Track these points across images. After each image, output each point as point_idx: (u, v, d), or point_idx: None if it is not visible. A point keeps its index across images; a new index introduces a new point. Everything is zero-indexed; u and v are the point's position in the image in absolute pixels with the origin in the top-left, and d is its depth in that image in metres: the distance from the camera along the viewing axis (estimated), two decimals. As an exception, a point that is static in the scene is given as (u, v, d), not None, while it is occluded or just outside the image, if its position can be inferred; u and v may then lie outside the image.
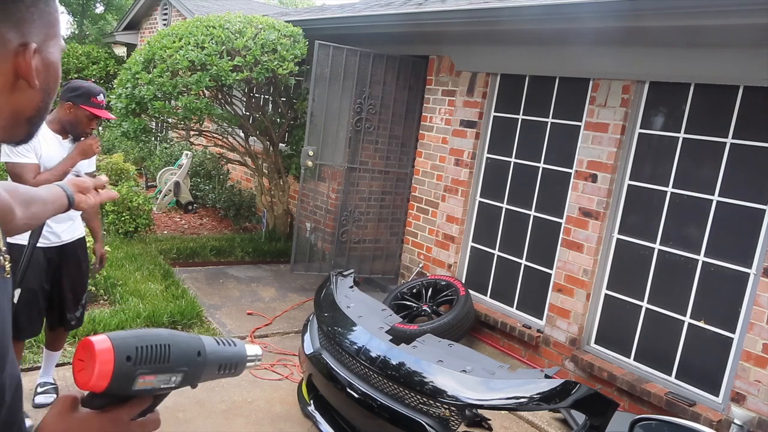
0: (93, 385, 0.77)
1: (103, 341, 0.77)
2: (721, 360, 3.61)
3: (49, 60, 0.86)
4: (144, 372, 0.80)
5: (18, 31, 0.80)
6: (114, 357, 0.76)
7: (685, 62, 3.71)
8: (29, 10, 0.80)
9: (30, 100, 0.85)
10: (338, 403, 3.18)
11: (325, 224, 6.56)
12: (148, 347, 0.80)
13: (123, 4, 17.83)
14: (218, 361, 0.94)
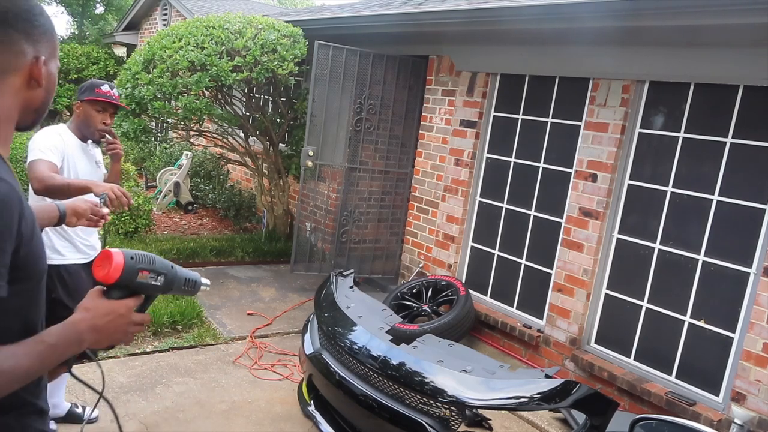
0: (110, 275, 1.17)
1: (115, 250, 1.19)
2: (721, 359, 3.61)
3: (50, 71, 1.22)
4: (141, 267, 1.21)
5: (33, 48, 1.17)
6: (123, 257, 1.18)
7: (685, 62, 3.71)
8: (42, 36, 1.18)
9: (37, 96, 1.22)
10: (338, 403, 3.18)
11: (325, 224, 6.56)
12: (143, 255, 1.22)
13: (123, 5, 17.83)
14: (184, 276, 1.32)
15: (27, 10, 1.15)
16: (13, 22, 1.13)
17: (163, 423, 3.36)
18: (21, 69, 1.16)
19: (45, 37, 1.19)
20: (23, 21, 1.14)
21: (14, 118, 1.20)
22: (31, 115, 1.23)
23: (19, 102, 1.19)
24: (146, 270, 1.22)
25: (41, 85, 1.20)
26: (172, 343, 4.33)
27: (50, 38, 1.21)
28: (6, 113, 1.17)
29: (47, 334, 1.12)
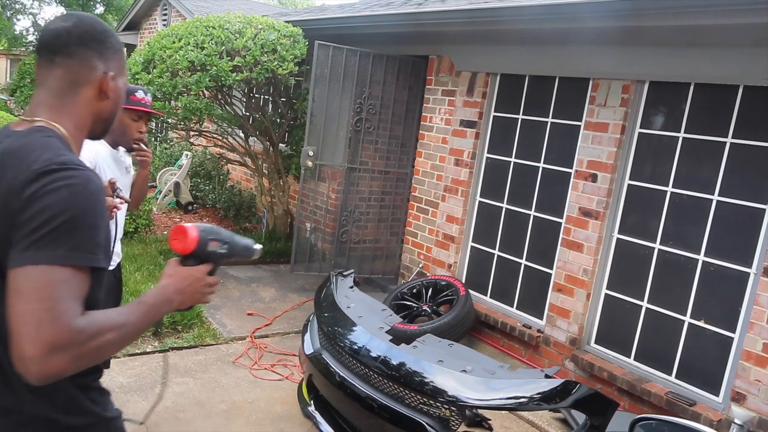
0: (186, 246, 1.37)
1: (189, 225, 1.38)
2: (721, 359, 3.61)
3: (118, 86, 1.41)
4: (212, 238, 1.42)
5: (104, 64, 1.37)
6: (197, 230, 1.38)
7: (684, 62, 3.71)
8: (112, 54, 1.39)
9: (105, 107, 1.40)
10: (338, 404, 3.18)
11: (325, 224, 6.56)
12: (210, 228, 1.44)
13: (123, 5, 17.83)
14: (242, 243, 1.54)
15: (101, 32, 1.37)
16: (89, 43, 1.34)
17: (163, 423, 3.36)
18: (92, 82, 1.36)
19: (114, 55, 1.40)
20: (97, 41, 1.36)
21: (87, 126, 1.39)
22: (101, 124, 1.42)
23: (91, 112, 1.38)
24: (215, 240, 1.43)
25: (109, 97, 1.39)
26: (172, 343, 4.33)
27: (119, 57, 1.41)
28: (81, 121, 1.37)
29: (147, 296, 1.32)
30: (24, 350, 1.08)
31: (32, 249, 1.12)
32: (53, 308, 1.09)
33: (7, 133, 1.31)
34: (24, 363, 1.09)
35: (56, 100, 1.33)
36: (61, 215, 1.14)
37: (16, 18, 20.43)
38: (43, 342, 1.07)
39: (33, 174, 1.17)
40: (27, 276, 1.11)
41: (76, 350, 1.11)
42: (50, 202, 1.14)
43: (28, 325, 1.08)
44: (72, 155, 1.27)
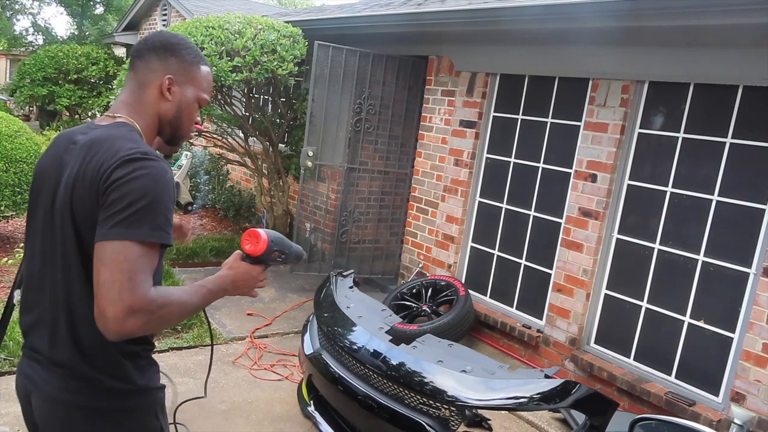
0: (256, 250, 1.55)
1: (262, 231, 1.55)
2: (720, 360, 3.61)
3: (183, 93, 1.58)
4: (276, 249, 1.59)
5: (165, 69, 1.55)
6: (268, 238, 1.55)
7: (684, 62, 3.71)
8: (178, 63, 1.57)
9: (169, 109, 1.57)
10: (338, 404, 3.18)
11: (325, 224, 6.56)
12: (278, 239, 1.60)
13: (123, 5, 17.81)
14: (295, 252, 1.68)
15: (172, 43, 1.57)
16: (157, 50, 1.56)
17: (162, 423, 3.35)
18: (154, 83, 1.54)
19: (181, 65, 1.57)
20: (164, 49, 1.56)
21: (155, 124, 1.57)
22: (167, 126, 1.59)
23: (156, 111, 1.56)
24: (278, 251, 1.60)
25: (170, 99, 1.56)
26: (171, 344, 4.33)
27: (186, 68, 1.58)
28: (149, 119, 1.56)
29: (207, 281, 1.49)
30: (107, 310, 1.28)
31: (119, 227, 1.32)
32: (133, 278, 1.30)
33: (93, 127, 1.52)
34: (105, 321, 1.29)
35: (131, 99, 1.55)
36: (144, 199, 1.34)
37: (15, 18, 20.41)
38: (123, 305, 1.28)
39: (119, 160, 1.36)
40: (113, 249, 1.31)
41: (148, 315, 1.30)
42: (135, 187, 1.34)
43: (111, 290, 1.28)
44: (149, 147, 1.44)
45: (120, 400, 1.48)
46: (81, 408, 1.46)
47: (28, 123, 12.95)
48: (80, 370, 1.44)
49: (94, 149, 1.41)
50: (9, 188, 5.71)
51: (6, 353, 3.80)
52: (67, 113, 13.76)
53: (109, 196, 1.34)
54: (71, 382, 1.45)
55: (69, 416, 1.46)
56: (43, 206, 1.49)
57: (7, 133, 5.82)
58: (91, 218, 1.36)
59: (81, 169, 1.40)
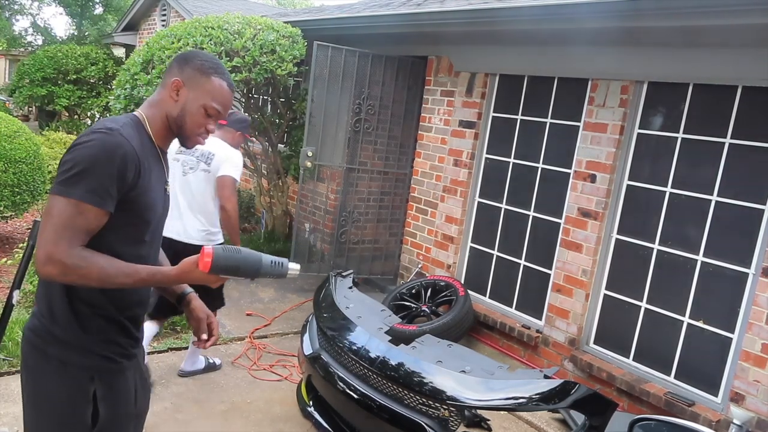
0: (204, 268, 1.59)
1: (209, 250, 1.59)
2: (720, 360, 3.62)
3: (189, 98, 1.73)
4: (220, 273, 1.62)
5: (180, 74, 1.74)
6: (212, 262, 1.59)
7: (683, 62, 3.72)
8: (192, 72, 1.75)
9: (173, 109, 1.74)
10: (337, 404, 3.18)
11: (324, 225, 6.56)
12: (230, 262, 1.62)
13: (122, 5, 17.79)
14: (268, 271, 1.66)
15: (192, 55, 1.78)
16: (178, 58, 1.79)
17: (162, 424, 3.35)
18: (169, 84, 1.74)
19: (194, 73, 1.74)
20: (184, 59, 1.77)
21: (163, 121, 1.75)
22: (173, 125, 1.76)
23: (165, 108, 1.75)
24: (224, 275, 1.64)
25: (177, 100, 1.73)
26: (171, 344, 4.33)
27: (198, 76, 1.74)
28: (159, 113, 1.75)
29: (146, 271, 1.62)
30: (37, 252, 1.50)
31: (60, 185, 1.52)
32: (58, 231, 1.50)
33: None
34: (35, 261, 1.51)
35: (152, 96, 1.78)
36: (83, 163, 1.52)
37: (14, 18, 20.39)
38: (45, 251, 1.49)
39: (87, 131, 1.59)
40: (51, 202, 1.52)
41: (62, 268, 1.50)
42: (81, 152, 1.53)
43: (41, 237, 1.51)
44: (112, 123, 1.61)
45: (57, 346, 1.66)
46: (34, 345, 1.69)
47: (28, 123, 12.92)
48: (38, 311, 1.69)
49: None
50: (8, 189, 5.70)
51: (5, 353, 3.79)
52: (67, 113, 13.75)
53: (64, 157, 1.56)
54: (33, 320, 1.70)
55: (26, 348, 1.72)
56: None
57: (6, 134, 5.81)
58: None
59: None
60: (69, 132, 12.23)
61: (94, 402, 1.69)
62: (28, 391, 1.75)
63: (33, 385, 1.72)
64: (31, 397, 1.74)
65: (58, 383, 1.67)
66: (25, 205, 6.02)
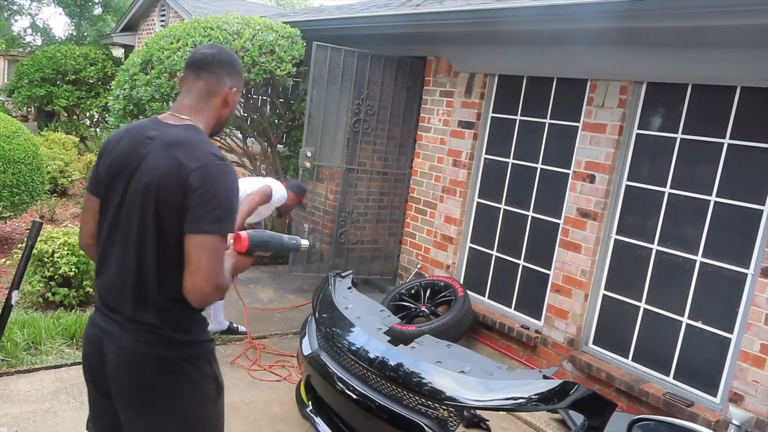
0: (242, 249, 1.83)
1: (244, 234, 1.84)
2: (719, 360, 3.62)
3: (234, 100, 1.93)
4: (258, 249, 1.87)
5: (231, 82, 1.90)
6: (248, 238, 1.83)
7: (682, 63, 3.72)
8: (237, 75, 1.93)
9: (227, 113, 1.93)
10: (337, 405, 3.18)
11: (324, 225, 6.56)
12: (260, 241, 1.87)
13: (121, 6, 17.76)
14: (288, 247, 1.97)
15: (233, 59, 1.93)
16: (224, 65, 1.89)
17: (160, 424, 3.34)
18: (221, 94, 1.88)
19: (238, 77, 1.93)
20: (229, 65, 1.90)
21: (212, 126, 1.90)
22: (219, 126, 1.94)
23: (216, 116, 1.89)
24: (261, 250, 1.88)
25: (229, 105, 1.91)
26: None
27: (240, 78, 1.95)
28: (209, 122, 1.88)
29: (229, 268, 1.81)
30: (204, 287, 1.66)
31: (212, 223, 1.67)
32: (220, 264, 1.70)
33: (162, 125, 1.81)
34: (200, 294, 1.67)
35: (197, 104, 1.85)
36: (225, 200, 1.70)
37: (13, 18, 20.36)
38: (216, 284, 1.68)
39: (204, 164, 1.70)
40: (208, 241, 1.66)
41: (223, 291, 1.71)
42: (220, 190, 1.70)
43: (209, 273, 1.66)
44: (218, 151, 1.77)
45: (184, 348, 1.79)
46: (150, 356, 1.75)
47: (26, 124, 12.91)
48: (149, 325, 1.75)
49: (177, 149, 1.72)
50: (7, 189, 5.70)
51: (4, 354, 3.79)
52: (66, 114, 13.73)
53: (200, 195, 1.67)
54: (142, 335, 1.75)
55: (139, 363, 1.75)
56: (118, 189, 1.78)
57: (5, 134, 5.81)
58: (174, 206, 1.68)
59: (168, 162, 1.70)
60: (68, 132, 12.23)
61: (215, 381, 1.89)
62: (167, 406, 1.79)
63: (172, 398, 1.79)
64: (174, 408, 1.80)
65: (197, 382, 1.82)
66: (23, 205, 6.01)
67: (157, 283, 1.74)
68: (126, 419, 1.82)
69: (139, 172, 1.74)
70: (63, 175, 8.83)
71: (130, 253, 1.75)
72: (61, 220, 7.40)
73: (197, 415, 1.85)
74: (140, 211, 1.72)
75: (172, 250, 1.71)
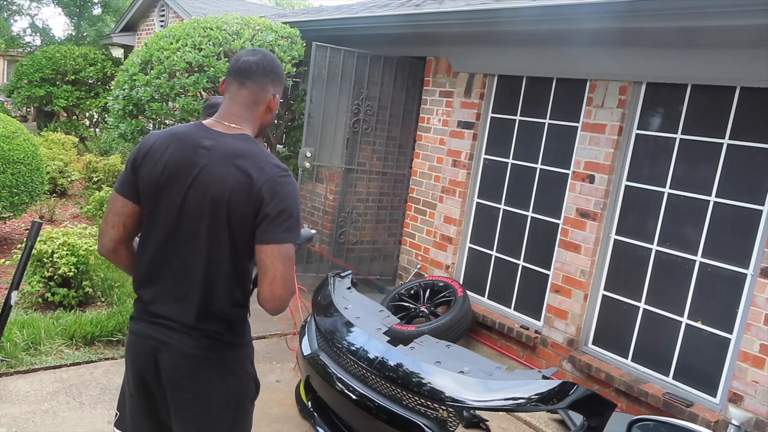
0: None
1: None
2: (718, 360, 3.62)
3: (276, 105, 1.95)
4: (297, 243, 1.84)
5: (274, 88, 1.92)
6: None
7: (682, 63, 3.72)
8: (278, 82, 1.94)
9: (269, 118, 1.95)
10: (336, 405, 3.18)
11: (323, 225, 6.55)
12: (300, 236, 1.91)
13: (120, 6, 17.76)
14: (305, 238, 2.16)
15: (276, 66, 1.93)
16: (269, 73, 1.89)
17: (160, 425, 3.34)
18: (265, 101, 1.90)
19: (281, 83, 1.95)
20: (273, 72, 1.90)
21: (257, 130, 1.92)
22: (262, 130, 1.96)
23: (260, 122, 1.92)
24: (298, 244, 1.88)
25: (272, 111, 1.94)
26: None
27: (281, 83, 1.96)
28: (254, 128, 1.90)
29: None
30: (282, 295, 1.72)
31: (286, 233, 1.73)
32: (294, 272, 1.76)
33: (215, 133, 1.82)
34: (278, 302, 1.73)
35: (243, 112, 1.86)
36: (296, 210, 1.76)
37: (13, 19, 20.36)
38: (292, 292, 1.75)
39: (273, 177, 1.74)
40: (285, 250, 1.73)
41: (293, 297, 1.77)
42: (291, 202, 1.75)
43: (286, 281, 1.72)
44: (279, 161, 1.81)
45: (237, 351, 1.88)
46: (209, 359, 1.82)
47: (26, 124, 12.92)
48: (211, 331, 1.80)
49: (241, 160, 1.75)
50: (6, 189, 5.69)
51: (3, 354, 3.79)
52: (65, 114, 13.74)
53: (274, 206, 1.72)
54: (203, 341, 1.80)
55: (198, 366, 1.81)
56: (172, 199, 1.78)
57: (4, 134, 5.81)
58: (246, 219, 1.73)
59: (236, 175, 1.73)
60: (67, 132, 12.23)
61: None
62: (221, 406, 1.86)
63: (226, 398, 1.86)
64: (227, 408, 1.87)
65: (244, 382, 1.91)
66: (23, 205, 6.01)
67: (228, 294, 1.80)
68: (176, 417, 1.86)
69: (198, 183, 1.76)
70: (62, 175, 8.83)
71: (197, 265, 1.78)
72: (61, 221, 7.39)
73: (242, 414, 1.93)
74: (208, 223, 1.75)
75: (244, 261, 1.78)
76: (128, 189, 1.84)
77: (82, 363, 3.96)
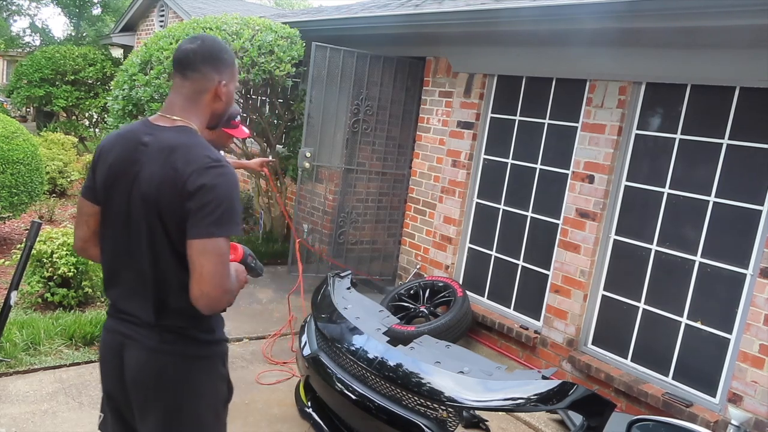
0: (237, 258, 1.98)
1: (240, 246, 2.02)
2: (718, 361, 3.62)
3: (229, 90, 1.86)
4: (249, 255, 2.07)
5: (219, 75, 1.83)
6: (243, 249, 2.04)
7: (681, 63, 3.72)
8: (224, 67, 1.85)
9: (219, 107, 1.87)
10: (336, 405, 3.18)
11: (323, 226, 6.55)
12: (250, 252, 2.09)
13: (120, 6, 17.76)
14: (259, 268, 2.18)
15: (218, 51, 1.84)
16: (209, 60, 1.81)
17: (159, 425, 3.34)
18: (210, 90, 1.82)
19: (227, 68, 1.85)
20: (215, 59, 1.82)
21: (207, 121, 1.87)
22: (215, 119, 1.90)
23: (209, 111, 1.85)
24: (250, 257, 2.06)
25: (222, 99, 1.85)
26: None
27: (230, 68, 1.87)
28: (203, 119, 1.85)
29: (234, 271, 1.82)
30: (211, 293, 1.65)
31: (213, 226, 1.65)
32: (226, 267, 1.69)
33: (154, 128, 1.77)
34: (208, 300, 1.66)
35: (187, 104, 1.81)
36: (226, 202, 1.67)
37: (12, 19, 20.36)
38: (223, 288, 1.67)
39: (201, 168, 1.67)
40: (211, 245, 1.65)
41: (231, 294, 1.72)
42: (219, 193, 1.66)
43: (214, 278, 1.65)
44: (215, 153, 1.73)
45: (205, 348, 1.85)
46: (174, 355, 1.79)
47: (25, 124, 12.91)
48: (174, 326, 1.78)
49: (174, 154, 1.69)
50: (6, 189, 5.69)
51: (3, 354, 3.79)
52: (65, 114, 13.73)
53: (198, 199, 1.65)
54: (167, 335, 1.78)
55: (162, 362, 1.77)
56: (119, 199, 1.77)
57: (4, 135, 5.81)
58: (176, 214, 1.67)
59: (164, 170, 1.68)
60: (67, 133, 12.23)
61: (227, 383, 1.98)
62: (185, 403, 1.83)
63: (190, 395, 1.83)
64: (191, 405, 1.84)
65: (213, 381, 1.90)
66: (22, 206, 6.01)
67: (178, 292, 1.73)
68: (142, 419, 1.82)
69: (138, 182, 1.72)
70: (62, 175, 8.83)
71: (145, 266, 1.75)
72: (60, 221, 7.39)
73: (210, 414, 1.88)
74: (146, 222, 1.72)
75: (186, 258, 1.70)
76: (87, 190, 1.86)
77: (81, 363, 3.96)
